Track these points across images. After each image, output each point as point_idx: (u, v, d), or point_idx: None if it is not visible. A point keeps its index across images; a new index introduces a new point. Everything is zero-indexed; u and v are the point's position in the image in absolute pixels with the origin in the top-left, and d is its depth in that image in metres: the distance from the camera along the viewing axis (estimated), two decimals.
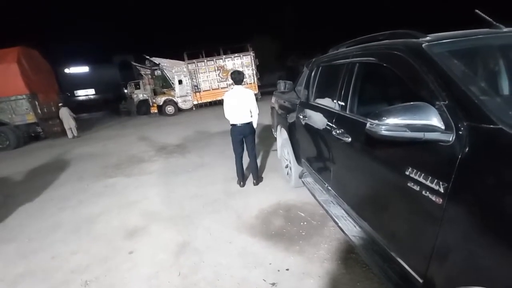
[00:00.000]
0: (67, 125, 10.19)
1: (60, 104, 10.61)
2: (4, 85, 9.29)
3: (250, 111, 3.43)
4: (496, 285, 0.85)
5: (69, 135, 10.26)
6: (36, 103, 9.91)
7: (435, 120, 1.06)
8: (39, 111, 10.00)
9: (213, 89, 14.81)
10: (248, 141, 3.55)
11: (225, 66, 14.70)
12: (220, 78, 14.81)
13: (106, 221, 3.22)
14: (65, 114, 10.14)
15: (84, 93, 34.94)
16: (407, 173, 1.18)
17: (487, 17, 1.59)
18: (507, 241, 0.81)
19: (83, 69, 36.03)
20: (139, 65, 15.57)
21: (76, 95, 33.29)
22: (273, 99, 4.00)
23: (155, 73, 15.23)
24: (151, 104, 14.63)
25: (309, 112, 2.53)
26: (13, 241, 3.03)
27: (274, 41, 28.00)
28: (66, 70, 34.36)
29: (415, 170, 1.15)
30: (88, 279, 2.23)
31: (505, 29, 1.48)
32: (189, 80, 14.44)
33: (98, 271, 2.32)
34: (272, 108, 4.04)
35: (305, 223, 2.65)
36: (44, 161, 6.94)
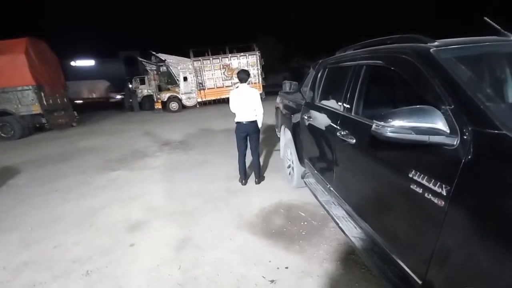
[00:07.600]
0: None
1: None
2: (11, 75, 9.35)
3: (255, 110, 3.45)
4: None
5: None
6: (42, 94, 9.96)
7: (440, 124, 1.07)
8: (44, 102, 10.06)
9: (217, 87, 14.82)
10: (252, 140, 3.58)
11: (230, 65, 14.71)
12: (225, 77, 14.81)
13: (108, 214, 3.25)
14: None
15: None
16: (410, 175, 1.19)
17: (496, 25, 1.60)
18: (508, 245, 0.83)
19: (89, 62, 36.20)
20: (145, 60, 15.61)
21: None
22: (278, 99, 4.02)
23: (161, 69, 15.25)
24: (155, 100, 14.69)
25: (314, 113, 2.54)
26: (16, 230, 3.07)
27: (279, 42, 28.01)
28: (72, 63, 34.54)
29: (418, 173, 1.16)
30: (90, 270, 2.26)
31: None
32: (194, 77, 14.45)
33: (99, 263, 2.35)
34: (277, 108, 4.05)
35: (306, 223, 2.67)
36: (48, 152, 7.00)
